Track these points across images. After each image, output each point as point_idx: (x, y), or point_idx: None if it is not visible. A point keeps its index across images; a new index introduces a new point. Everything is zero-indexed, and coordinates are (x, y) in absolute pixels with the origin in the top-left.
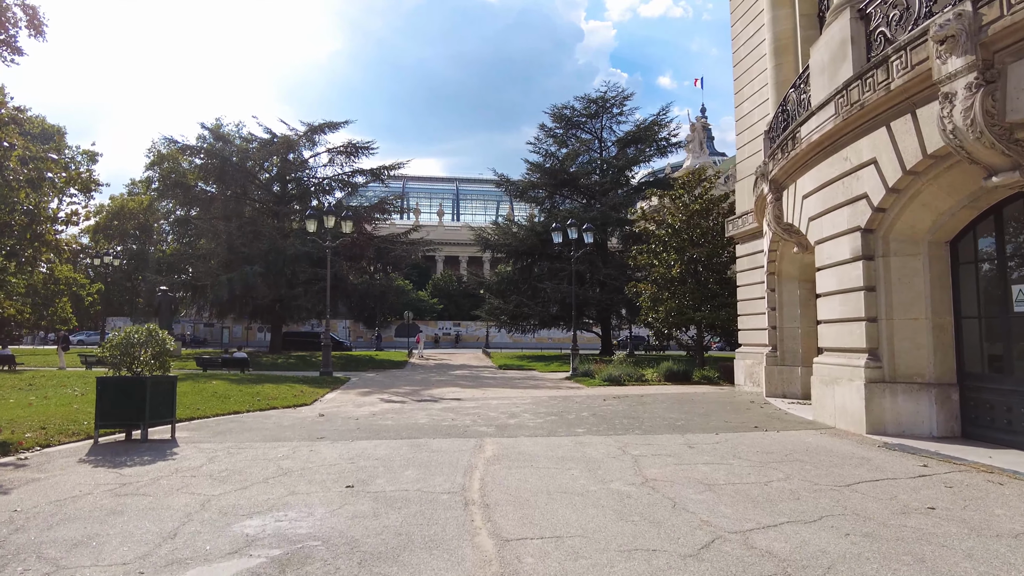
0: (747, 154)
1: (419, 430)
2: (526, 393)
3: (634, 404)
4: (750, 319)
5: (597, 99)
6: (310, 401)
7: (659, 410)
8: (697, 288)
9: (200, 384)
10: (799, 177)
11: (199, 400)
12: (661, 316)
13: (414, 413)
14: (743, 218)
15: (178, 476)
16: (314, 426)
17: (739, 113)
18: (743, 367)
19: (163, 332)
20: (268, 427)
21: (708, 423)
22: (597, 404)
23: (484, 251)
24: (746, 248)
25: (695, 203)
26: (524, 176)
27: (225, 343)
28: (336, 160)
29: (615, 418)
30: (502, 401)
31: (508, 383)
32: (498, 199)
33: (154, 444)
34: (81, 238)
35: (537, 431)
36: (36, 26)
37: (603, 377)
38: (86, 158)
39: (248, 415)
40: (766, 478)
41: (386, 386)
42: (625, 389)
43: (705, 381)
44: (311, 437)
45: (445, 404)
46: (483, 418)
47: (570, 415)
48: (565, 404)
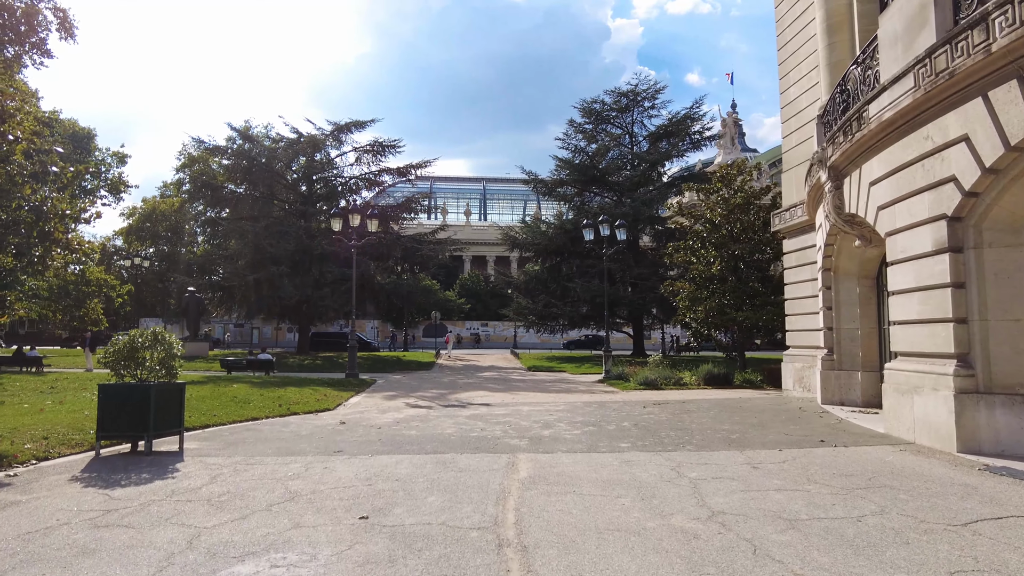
0: (794, 142)
1: (445, 442)
2: (559, 398)
3: (677, 412)
4: (799, 319)
5: (628, 92)
6: (333, 406)
7: (707, 420)
8: (738, 286)
9: (221, 388)
10: (865, 162)
11: (217, 405)
12: (700, 316)
13: (440, 421)
14: (791, 211)
15: (172, 501)
16: (333, 436)
17: (785, 99)
18: (791, 371)
19: (171, 335)
20: (284, 437)
21: (766, 436)
22: (637, 412)
23: (512, 250)
24: (794, 243)
25: (735, 196)
26: (552, 173)
27: (255, 344)
28: (363, 159)
29: (660, 429)
30: (534, 408)
31: (538, 387)
32: (525, 198)
33: (158, 457)
34: (115, 240)
35: (575, 445)
36: (67, 28)
37: (638, 381)
38: (116, 160)
39: (266, 422)
40: (856, 511)
41: (412, 389)
42: (663, 394)
43: (747, 385)
44: (328, 450)
45: (473, 411)
46: (515, 428)
47: (609, 425)
48: (602, 412)
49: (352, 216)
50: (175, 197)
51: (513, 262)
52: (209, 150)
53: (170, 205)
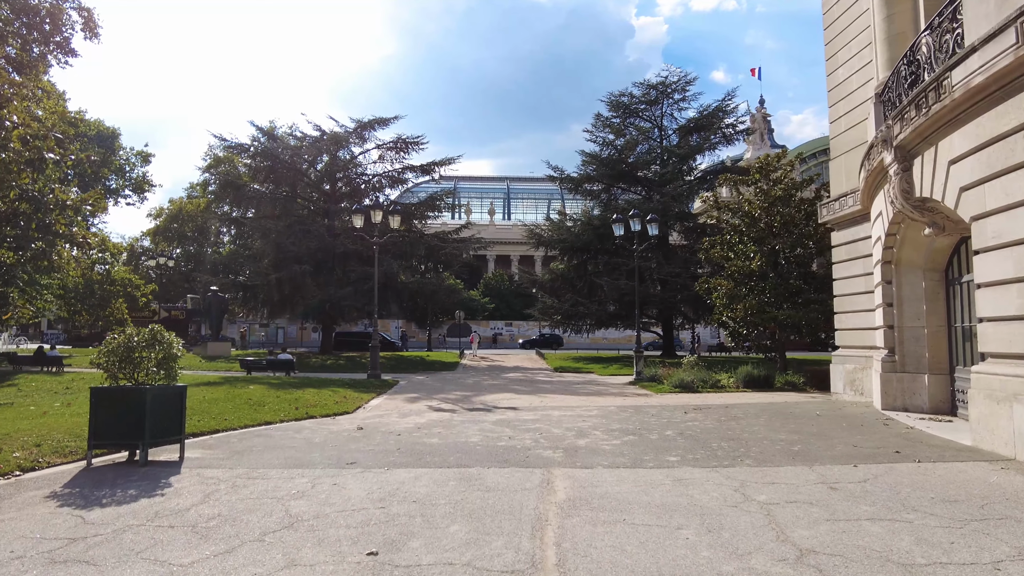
0: (843, 127)
1: (470, 453)
2: (590, 402)
3: (723, 419)
4: (850, 317)
5: (657, 84)
6: (352, 409)
7: (759, 428)
8: (779, 283)
9: (236, 389)
10: (943, 138)
11: (230, 408)
12: (739, 315)
13: (464, 427)
14: (840, 201)
15: (151, 526)
16: (348, 444)
17: (832, 82)
18: (842, 373)
19: (170, 334)
20: (296, 444)
21: (832, 448)
22: (678, 418)
23: (537, 248)
24: (844, 235)
25: (775, 188)
26: (579, 168)
27: (280, 343)
28: (386, 156)
29: (709, 439)
30: (565, 413)
31: (567, 388)
32: (549, 197)
33: (153, 469)
34: (143, 241)
35: (617, 459)
36: (91, 28)
37: (673, 383)
38: (140, 159)
39: (279, 427)
40: (987, 553)
41: (435, 391)
42: (702, 398)
43: (789, 388)
44: (340, 462)
45: (499, 415)
46: (546, 436)
47: (651, 434)
48: (640, 417)
49: (374, 213)
50: (201, 198)
51: (537, 261)
52: (231, 148)
53: (196, 206)
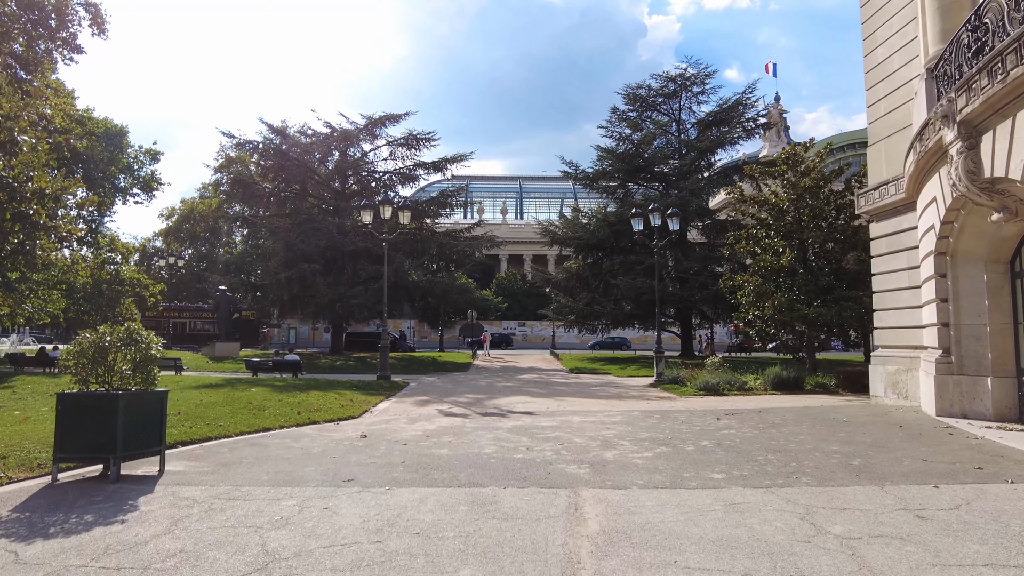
0: (883, 110)
1: (483, 467)
2: (611, 406)
3: (761, 426)
4: (892, 315)
5: (676, 76)
6: (358, 413)
7: (804, 437)
8: (809, 279)
9: (237, 392)
10: (1022, 108)
11: (227, 413)
12: (767, 313)
13: (477, 435)
14: (880, 190)
15: (94, 567)
16: (348, 456)
17: (870, 63)
18: (883, 375)
19: (148, 333)
20: (292, 455)
21: (898, 463)
22: (711, 425)
23: (551, 246)
24: (886, 226)
25: (804, 179)
26: (594, 164)
27: (292, 344)
28: (397, 153)
29: (753, 451)
30: (586, 419)
31: (585, 391)
32: (562, 196)
33: (124, 487)
34: (155, 241)
35: (653, 475)
36: (99, 23)
37: (697, 386)
38: (148, 157)
39: (277, 434)
40: None
41: (446, 393)
42: (731, 401)
43: (820, 390)
44: (336, 478)
45: (515, 421)
46: (568, 446)
47: (686, 444)
48: (669, 425)
49: (383, 208)
50: (213, 198)
51: (551, 261)
52: (240, 145)
53: (208, 206)
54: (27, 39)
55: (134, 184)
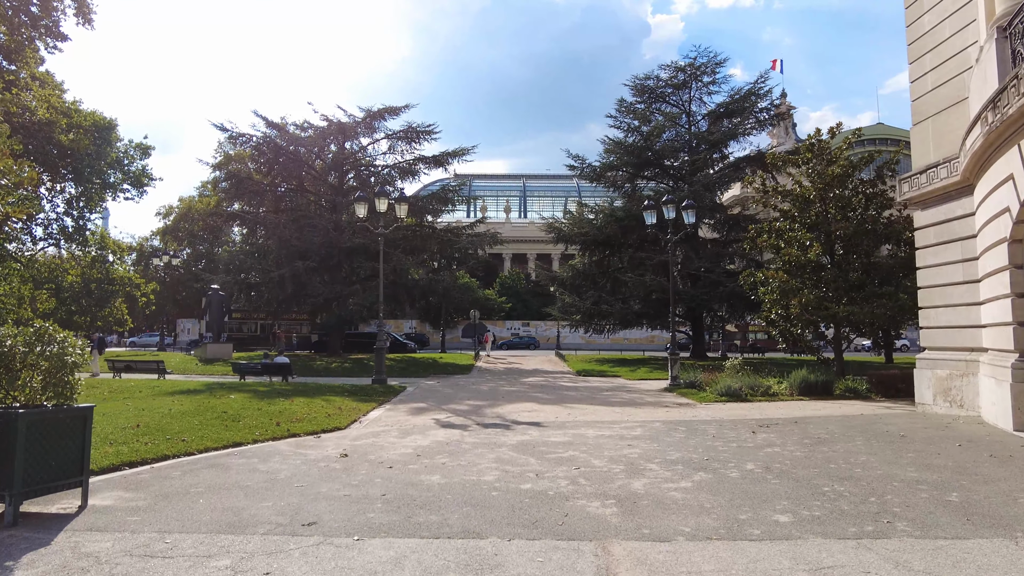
0: (930, 85)
1: (482, 505)
2: (627, 415)
3: (806, 441)
4: (943, 313)
5: (686, 66)
6: (345, 424)
7: (865, 457)
8: (838, 275)
9: (214, 400)
10: None
11: (195, 425)
12: (794, 311)
13: (476, 455)
14: (928, 173)
15: None
16: (320, 484)
17: (914, 32)
18: (931, 380)
19: (65, 334)
20: (252, 483)
21: (1012, 500)
22: (747, 439)
23: (556, 243)
24: (934, 214)
25: (832, 167)
26: (601, 157)
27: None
28: (396, 147)
29: (812, 477)
30: (601, 432)
31: (596, 396)
32: (566, 195)
33: (15, 535)
34: (152, 240)
35: (700, 517)
36: (84, 13)
37: (717, 390)
38: (139, 152)
39: (247, 451)
40: None
41: (445, 400)
42: (758, 408)
43: (852, 395)
44: (295, 521)
45: (521, 435)
46: (586, 472)
47: (728, 469)
48: (699, 440)
49: (379, 201)
50: (212, 196)
51: (555, 259)
52: (233, 138)
53: (206, 204)
54: (9, 26)
55: (124, 180)
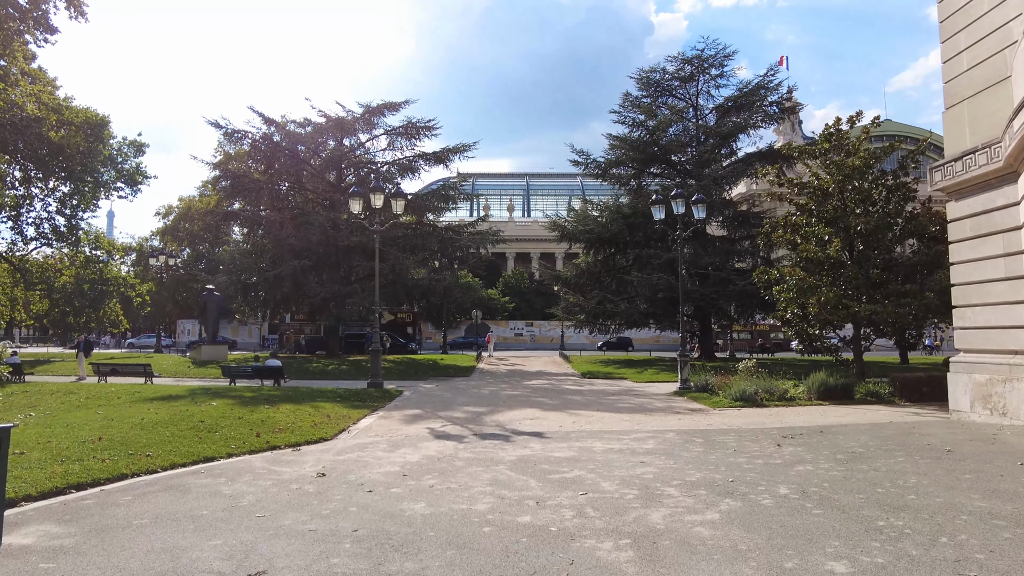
0: (967, 63)
1: (470, 547)
2: (637, 423)
3: (839, 456)
4: (981, 312)
5: (693, 58)
6: (332, 434)
7: (915, 479)
8: (858, 272)
9: (193, 407)
10: None
11: (165, 438)
12: (812, 310)
13: (470, 475)
14: (964, 160)
15: None
16: (284, 515)
17: (947, 7)
18: (967, 384)
19: None
20: (207, 512)
21: None
22: (772, 454)
23: (560, 241)
24: (972, 204)
25: (851, 157)
26: (606, 153)
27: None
28: (396, 144)
29: (859, 506)
30: (611, 445)
31: (602, 401)
32: (570, 193)
33: None
34: (152, 241)
35: (737, 564)
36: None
37: (731, 395)
38: (133, 149)
39: (216, 468)
40: None
41: (443, 405)
42: (776, 415)
43: (874, 399)
44: (239, 572)
45: (521, 448)
46: (595, 499)
47: (758, 492)
48: (719, 454)
49: (374, 196)
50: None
51: (559, 259)
52: (229, 134)
53: (206, 204)
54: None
55: (118, 178)
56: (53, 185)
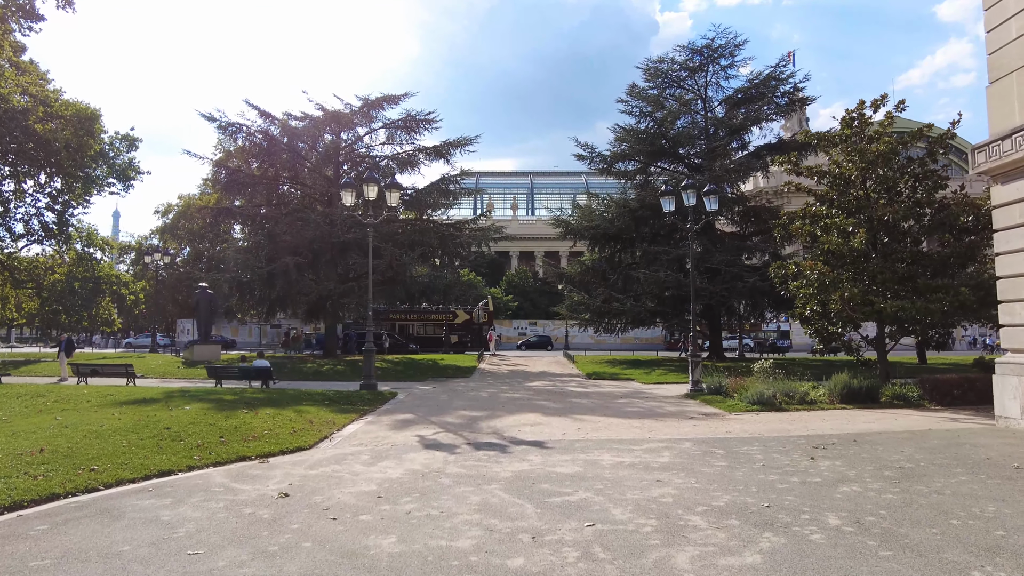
0: (1016, 31)
1: None
2: (648, 431)
3: (888, 473)
4: None
5: (702, 48)
6: (311, 442)
7: (999, 507)
8: (884, 266)
9: (162, 412)
10: None
11: (121, 448)
12: (835, 307)
13: (455, 498)
14: (1012, 139)
15: None
16: (221, 553)
17: None
18: (1020, 388)
19: None
20: (127, 550)
21: None
22: (808, 469)
23: (564, 237)
24: (1020, 188)
25: (875, 143)
26: (611, 145)
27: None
28: (395, 137)
29: (934, 541)
30: (620, 457)
31: (610, 405)
32: (575, 192)
33: None
34: (151, 239)
35: None
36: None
37: (748, 398)
38: (125, 144)
39: (163, 485)
40: None
41: (437, 409)
42: (799, 420)
43: (902, 403)
44: None
45: (518, 463)
46: (604, 534)
47: (802, 522)
48: (746, 470)
49: (368, 187)
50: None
51: (563, 257)
52: (223, 127)
53: (207, 202)
54: None
55: (110, 173)
56: (44, 180)
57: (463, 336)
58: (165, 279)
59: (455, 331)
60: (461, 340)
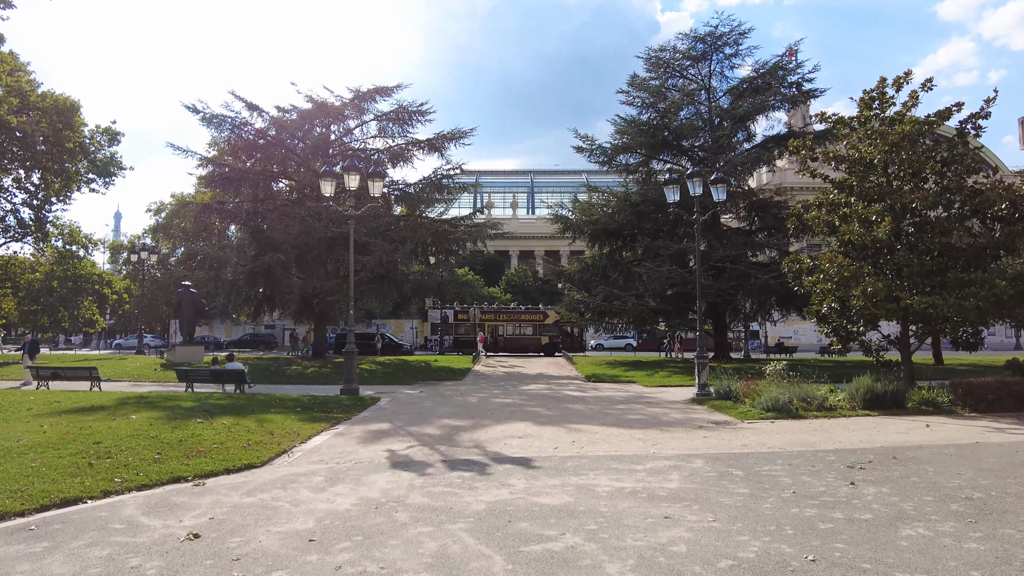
0: None
1: None
2: (652, 443)
3: (954, 507)
4: None
5: (706, 36)
6: (265, 458)
7: None
8: (910, 258)
9: (102, 422)
10: None
11: (28, 470)
12: (856, 304)
13: (407, 544)
14: None
15: None
16: None
17: None
18: None
19: None
20: None
21: None
22: (850, 499)
23: (564, 233)
24: None
25: (899, 124)
26: (612, 138)
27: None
28: (387, 130)
29: None
30: (619, 482)
31: (609, 412)
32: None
33: None
34: (144, 238)
35: None
36: None
37: (761, 404)
38: (106, 138)
39: (54, 520)
40: None
41: (418, 418)
42: (821, 429)
43: (931, 408)
44: None
45: (497, 489)
46: None
47: None
48: (774, 501)
49: (349, 176)
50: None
51: (564, 256)
52: (207, 119)
53: (200, 200)
54: None
55: (90, 168)
56: (23, 175)
57: (554, 338)
58: (159, 279)
59: (546, 331)
60: (552, 342)
